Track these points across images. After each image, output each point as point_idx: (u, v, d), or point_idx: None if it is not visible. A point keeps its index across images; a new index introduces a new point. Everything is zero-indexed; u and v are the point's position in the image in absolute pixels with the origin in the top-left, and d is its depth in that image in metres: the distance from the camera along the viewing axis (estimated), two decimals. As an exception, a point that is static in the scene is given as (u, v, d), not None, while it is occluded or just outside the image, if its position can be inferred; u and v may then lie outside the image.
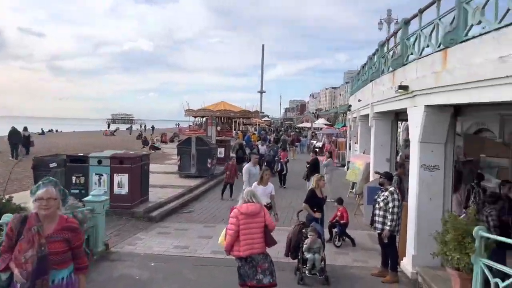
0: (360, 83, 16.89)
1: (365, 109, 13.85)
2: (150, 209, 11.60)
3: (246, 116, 49.92)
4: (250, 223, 5.31)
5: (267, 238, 5.39)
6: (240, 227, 5.26)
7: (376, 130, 11.31)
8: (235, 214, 5.36)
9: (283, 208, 12.18)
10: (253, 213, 5.33)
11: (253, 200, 5.44)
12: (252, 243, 5.29)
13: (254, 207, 5.37)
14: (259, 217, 5.37)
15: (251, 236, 5.29)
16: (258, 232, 5.34)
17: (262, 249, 5.40)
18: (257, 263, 5.30)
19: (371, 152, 11.55)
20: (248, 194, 5.52)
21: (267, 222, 5.42)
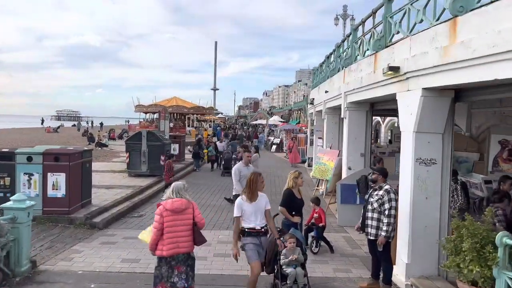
0: (327, 73, 15.95)
1: (334, 100, 12.88)
2: (93, 214, 9.87)
3: (200, 112, 48.32)
4: (176, 220, 4.95)
5: (195, 236, 5.05)
6: (165, 225, 4.91)
7: (349, 122, 10.32)
8: (159, 211, 4.99)
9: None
10: (178, 209, 4.97)
11: (178, 196, 5.06)
12: (177, 242, 4.95)
13: (180, 203, 5.01)
14: (186, 213, 5.03)
15: (176, 234, 4.95)
16: (185, 230, 5.00)
17: (189, 248, 5.07)
18: (176, 263, 4.99)
19: (343, 146, 10.55)
20: (174, 189, 5.13)
21: (196, 219, 5.07)
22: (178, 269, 4.99)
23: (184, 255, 5.03)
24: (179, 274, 4.99)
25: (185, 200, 5.07)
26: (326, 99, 14.28)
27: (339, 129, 14.54)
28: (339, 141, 14.55)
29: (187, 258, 5.08)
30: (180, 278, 4.99)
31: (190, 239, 5.03)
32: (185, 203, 5.04)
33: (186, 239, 4.99)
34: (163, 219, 4.91)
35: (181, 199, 5.05)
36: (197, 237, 5.06)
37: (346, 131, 10.43)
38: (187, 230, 4.99)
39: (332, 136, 14.48)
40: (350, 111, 10.33)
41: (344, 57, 11.26)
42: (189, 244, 5.04)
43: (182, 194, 5.11)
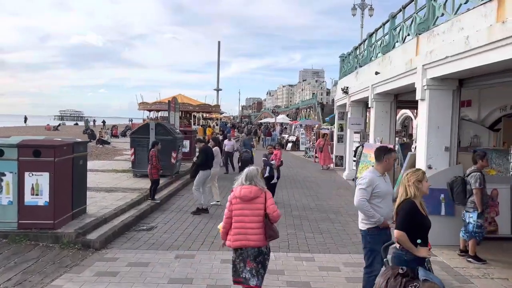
0: (368, 55, 13.33)
1: (391, 82, 10.28)
2: (87, 228, 7.31)
3: (206, 110, 46.02)
4: (245, 209, 4.48)
5: (265, 229, 4.47)
6: (233, 213, 4.52)
7: (430, 106, 7.71)
8: (229, 197, 4.62)
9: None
10: (246, 197, 4.48)
11: (251, 183, 4.56)
12: (246, 234, 4.45)
13: (248, 191, 4.51)
14: (256, 203, 4.49)
15: (244, 225, 4.46)
16: (255, 221, 4.45)
17: (259, 242, 4.47)
18: (247, 257, 4.48)
19: (422, 138, 7.94)
20: (247, 174, 4.62)
21: (267, 211, 4.48)
22: (249, 264, 4.51)
23: (254, 250, 4.50)
24: (250, 270, 4.51)
25: (255, 187, 4.56)
26: (374, 84, 11.67)
27: (390, 119, 11.93)
28: (390, 133, 11.94)
29: (257, 254, 4.52)
30: (252, 274, 4.51)
31: (261, 232, 4.49)
32: (254, 190, 4.54)
33: (256, 231, 4.48)
34: (232, 207, 4.56)
35: (251, 186, 4.56)
36: (268, 231, 4.50)
37: (424, 117, 7.82)
38: (257, 222, 4.48)
39: (382, 128, 11.87)
40: (432, 91, 7.72)
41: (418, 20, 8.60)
42: (260, 238, 4.49)
43: (256, 181, 4.61)
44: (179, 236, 7.82)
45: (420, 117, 8.12)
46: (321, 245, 7.48)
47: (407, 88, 10.01)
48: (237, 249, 4.52)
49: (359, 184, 4.70)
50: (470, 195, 6.66)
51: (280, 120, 52.99)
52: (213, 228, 8.38)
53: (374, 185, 4.63)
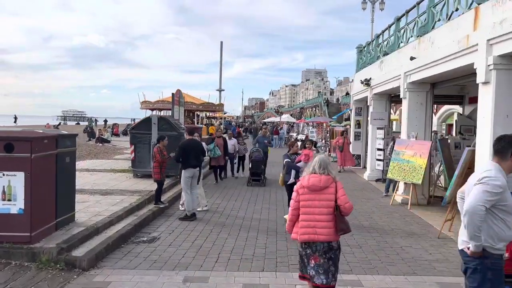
0: (397, 39, 11.86)
1: (433, 67, 8.80)
2: (73, 241, 5.87)
3: (209, 109, 44.63)
4: (314, 200, 4.13)
5: (336, 222, 4.08)
6: (301, 204, 4.18)
7: (497, 90, 6.25)
8: (296, 187, 4.29)
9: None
10: (315, 187, 4.13)
11: (322, 171, 4.18)
12: (315, 227, 4.09)
13: (317, 179, 4.15)
14: (326, 193, 4.13)
15: (313, 217, 4.11)
16: (325, 213, 4.09)
17: (329, 236, 4.07)
18: (313, 253, 4.10)
19: (486, 130, 6.46)
20: (316, 162, 4.26)
21: (338, 202, 4.08)
22: (315, 260, 4.09)
23: (323, 245, 4.08)
24: (315, 267, 4.08)
25: (325, 176, 4.16)
26: (408, 71, 10.19)
27: (426, 112, 10.45)
28: (426, 127, 10.46)
29: (327, 249, 4.09)
30: (317, 272, 4.07)
31: (331, 225, 4.08)
32: (324, 180, 4.14)
33: (325, 224, 4.08)
34: (299, 197, 4.19)
35: (320, 175, 4.17)
36: (339, 224, 4.06)
37: (489, 104, 6.35)
38: (327, 214, 4.09)
39: (417, 121, 10.38)
40: (499, 72, 6.25)
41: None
42: (330, 232, 4.08)
43: (328, 169, 4.22)
44: (188, 251, 6.37)
45: (482, 104, 6.64)
46: (364, 263, 6.01)
47: (454, 74, 8.56)
48: (304, 243, 4.16)
49: (484, 184, 3.18)
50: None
51: (286, 119, 51.75)
52: (227, 240, 6.95)
53: (507, 193, 3.16)
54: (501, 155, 3.29)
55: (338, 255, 4.21)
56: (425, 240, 7.23)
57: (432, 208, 9.97)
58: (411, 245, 6.90)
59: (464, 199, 3.33)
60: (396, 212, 9.32)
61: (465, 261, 3.33)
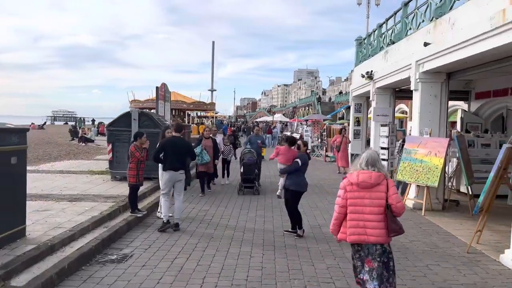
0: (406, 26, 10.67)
1: (452, 52, 7.62)
2: (16, 264, 4.55)
3: (201, 108, 43.40)
4: (364, 198, 3.84)
5: (389, 223, 3.77)
6: (348, 202, 3.89)
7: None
8: (343, 184, 3.99)
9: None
10: (365, 183, 3.84)
11: (372, 168, 3.87)
12: (364, 227, 3.81)
13: (367, 176, 3.86)
14: (377, 191, 3.83)
15: (362, 217, 3.83)
16: (375, 213, 3.81)
17: (381, 238, 3.79)
18: (366, 255, 3.83)
19: None
20: (365, 157, 3.97)
21: (390, 201, 3.81)
22: (369, 264, 3.82)
23: (377, 247, 3.81)
24: (370, 271, 3.81)
25: (375, 173, 3.85)
26: (421, 59, 9.01)
27: (440, 106, 9.27)
28: (440, 123, 9.28)
29: (382, 252, 3.81)
30: (371, 276, 3.79)
31: (382, 225, 3.79)
32: (375, 176, 3.84)
33: (376, 224, 3.79)
34: (346, 194, 3.90)
35: (370, 171, 3.84)
36: (391, 224, 3.77)
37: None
38: (378, 214, 3.80)
39: (430, 116, 9.20)
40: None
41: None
42: (381, 233, 3.78)
43: (379, 166, 3.91)
44: (165, 274, 5.09)
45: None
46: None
47: (479, 59, 7.37)
48: (354, 244, 3.93)
49: None
50: None
51: (279, 119, 50.76)
52: (215, 257, 5.69)
53: None
54: None
55: (392, 259, 3.92)
56: (453, 256, 6.02)
57: (449, 214, 8.81)
58: (438, 263, 5.69)
59: None
60: (409, 219, 8.12)
61: None
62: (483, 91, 15.15)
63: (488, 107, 15.18)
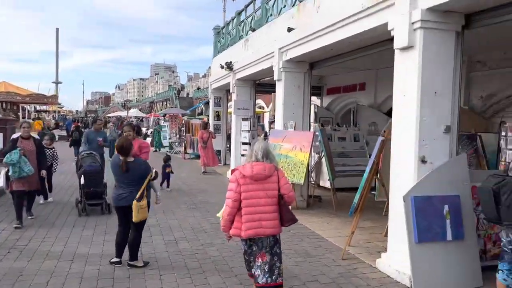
0: (276, 4, 9.92)
1: (322, 36, 6.99)
2: None
3: (40, 101, 37.54)
4: (257, 190, 3.82)
5: (283, 213, 3.86)
6: (242, 196, 3.81)
7: (424, 57, 4.56)
8: (235, 177, 3.89)
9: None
10: (260, 175, 3.82)
11: (265, 159, 3.90)
12: (260, 220, 3.80)
13: (261, 167, 3.85)
14: (270, 182, 3.86)
15: (258, 209, 3.80)
16: (270, 204, 3.84)
17: (275, 229, 3.87)
18: (260, 250, 3.88)
19: (410, 112, 4.71)
20: (259, 149, 3.93)
21: (282, 191, 3.87)
22: (262, 257, 3.85)
23: (269, 239, 3.88)
24: (262, 265, 3.84)
25: (268, 164, 3.88)
26: (284, 47, 8.30)
27: (304, 97, 8.73)
28: (304, 115, 8.75)
29: (273, 244, 3.90)
30: (262, 270, 3.83)
31: (276, 216, 3.84)
32: (268, 168, 3.87)
33: (272, 216, 3.83)
34: (239, 188, 3.81)
35: (265, 163, 3.85)
36: (286, 214, 3.86)
37: (416, 78, 4.62)
38: (273, 205, 3.83)
39: (293, 109, 8.57)
40: (427, 32, 4.56)
41: None
42: (276, 224, 3.86)
43: (271, 157, 3.95)
44: None
45: (401, 79, 4.90)
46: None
47: (346, 46, 6.86)
48: (247, 239, 3.87)
49: None
50: (530, 209, 3.67)
51: (134, 114, 47.54)
52: None
53: None
54: None
55: (281, 248, 4.02)
56: (328, 266, 5.26)
57: (314, 212, 8.34)
58: (316, 279, 4.83)
59: None
60: (277, 222, 7.30)
61: None
62: (333, 86, 15.73)
63: (338, 102, 15.83)
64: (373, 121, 13.56)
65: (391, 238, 5.05)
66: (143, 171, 4.93)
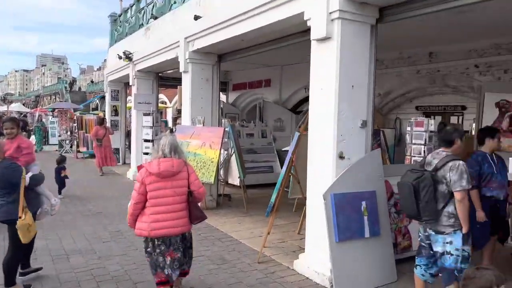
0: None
1: (228, 27, 6.56)
2: None
3: None
4: (165, 188, 3.61)
5: (192, 210, 3.69)
6: (149, 195, 3.61)
7: (343, 50, 4.36)
8: (140, 176, 3.67)
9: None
10: (168, 172, 3.60)
11: (174, 154, 3.67)
12: (169, 219, 3.61)
13: (169, 164, 3.63)
14: (179, 179, 3.66)
15: (166, 209, 3.61)
16: (178, 202, 3.66)
17: (184, 227, 3.72)
18: (168, 248, 3.67)
19: (328, 107, 4.48)
20: (167, 144, 3.68)
21: (192, 187, 3.70)
22: (171, 255, 3.68)
23: (178, 238, 3.70)
24: (171, 263, 3.68)
25: (176, 160, 3.65)
26: (191, 36, 7.70)
27: (212, 91, 8.24)
28: (213, 110, 8.27)
29: (182, 241, 3.76)
30: (173, 268, 3.69)
31: (185, 214, 3.69)
32: (177, 164, 3.65)
33: (180, 214, 3.66)
34: (144, 188, 3.59)
35: (173, 159, 3.62)
36: (194, 211, 3.69)
37: (334, 71, 4.42)
38: (181, 202, 3.66)
39: (202, 104, 8.02)
40: (345, 24, 4.38)
41: None
42: (185, 222, 3.70)
43: (179, 152, 3.72)
44: None
45: (320, 74, 4.68)
46: None
47: (257, 38, 6.53)
48: (154, 239, 3.63)
49: None
50: (446, 203, 3.69)
51: (16, 109, 42.30)
52: None
53: None
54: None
55: (192, 244, 3.93)
56: (245, 272, 4.87)
57: (224, 212, 7.93)
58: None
59: None
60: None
61: None
62: (239, 82, 15.56)
63: (244, 98, 15.69)
64: (279, 117, 13.66)
65: (308, 238, 4.84)
66: (10, 177, 3.97)
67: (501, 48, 7.77)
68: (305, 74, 12.46)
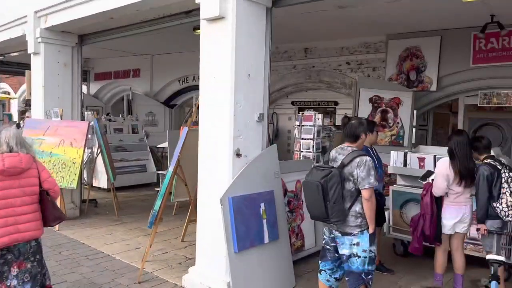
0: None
1: (80, 4, 5.47)
2: None
3: None
4: (11, 188, 3.08)
5: (48, 210, 3.21)
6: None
7: (238, 32, 3.80)
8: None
9: None
10: (15, 170, 3.08)
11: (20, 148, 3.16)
12: (16, 223, 3.07)
13: (17, 160, 3.09)
14: (28, 176, 3.16)
15: (13, 211, 3.07)
16: (28, 203, 3.15)
17: (36, 231, 3.18)
18: (17, 258, 3.10)
19: (224, 98, 3.84)
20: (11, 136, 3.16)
21: (45, 185, 3.22)
22: (20, 266, 3.12)
23: (31, 244, 3.16)
24: (20, 274, 3.11)
25: (25, 155, 3.15)
26: (42, 10, 6.26)
27: (73, 79, 6.89)
28: (73, 103, 6.95)
29: (34, 249, 3.18)
30: (22, 280, 3.12)
31: (38, 216, 3.19)
32: (26, 159, 3.14)
33: (31, 217, 3.15)
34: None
35: (20, 153, 3.12)
36: (53, 211, 3.22)
37: (229, 57, 3.81)
38: (32, 203, 3.16)
39: (59, 93, 6.55)
40: (240, 2, 3.81)
41: None
42: (38, 225, 3.18)
43: (27, 147, 3.22)
44: None
45: (210, 55, 4.04)
46: None
47: (120, 19, 5.58)
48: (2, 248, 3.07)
49: None
50: (353, 202, 3.45)
51: None
52: None
53: None
54: None
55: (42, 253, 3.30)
56: (124, 297, 4.00)
57: (90, 221, 6.73)
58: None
59: None
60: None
61: None
62: (103, 72, 14.00)
63: (109, 89, 14.17)
64: (150, 110, 12.63)
65: (200, 249, 4.20)
66: None
67: (369, 47, 8.25)
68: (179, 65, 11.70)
